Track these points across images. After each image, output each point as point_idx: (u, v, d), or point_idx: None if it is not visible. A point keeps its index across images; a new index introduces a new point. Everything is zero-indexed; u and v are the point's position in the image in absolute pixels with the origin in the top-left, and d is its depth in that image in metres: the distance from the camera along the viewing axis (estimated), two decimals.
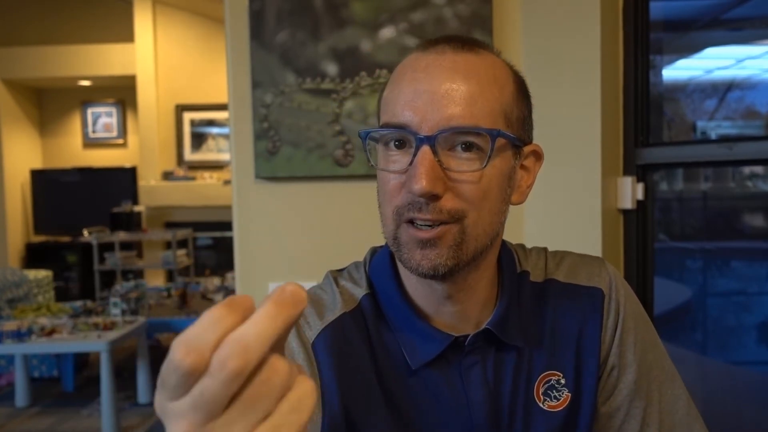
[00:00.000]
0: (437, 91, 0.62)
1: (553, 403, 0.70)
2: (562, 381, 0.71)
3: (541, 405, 0.70)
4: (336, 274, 0.77)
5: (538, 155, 0.71)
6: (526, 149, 0.69)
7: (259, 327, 0.31)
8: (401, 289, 0.71)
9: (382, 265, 0.74)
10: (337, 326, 0.70)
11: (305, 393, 0.33)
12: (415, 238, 0.63)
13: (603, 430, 0.74)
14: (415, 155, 0.62)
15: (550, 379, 0.71)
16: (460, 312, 0.70)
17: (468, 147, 0.63)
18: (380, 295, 0.72)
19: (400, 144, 0.65)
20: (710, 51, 1.86)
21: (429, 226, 0.62)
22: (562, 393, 0.71)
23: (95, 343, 3.69)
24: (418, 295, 0.70)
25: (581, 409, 0.71)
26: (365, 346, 0.70)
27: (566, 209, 1.47)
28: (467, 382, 0.69)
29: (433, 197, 0.61)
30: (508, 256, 0.75)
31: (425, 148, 0.61)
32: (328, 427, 0.66)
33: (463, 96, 0.62)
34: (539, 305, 0.74)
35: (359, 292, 0.73)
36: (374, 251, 0.78)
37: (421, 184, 0.60)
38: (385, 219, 0.67)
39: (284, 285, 0.33)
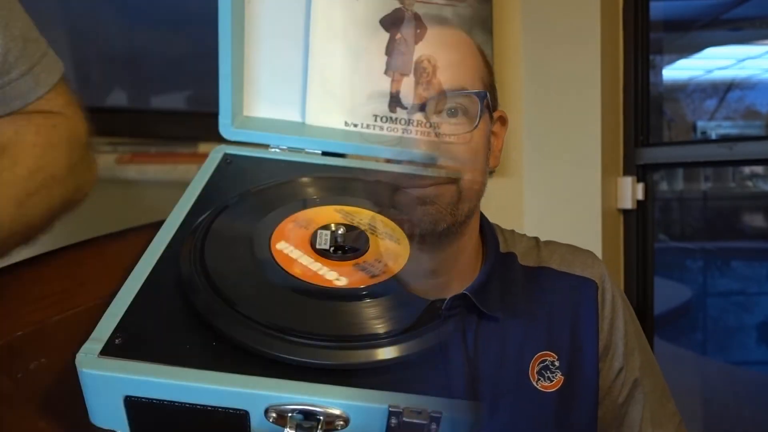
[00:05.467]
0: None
1: (546, 384, 0.71)
2: (556, 363, 0.72)
3: (534, 384, 0.71)
4: None
5: (503, 120, 0.75)
6: (495, 114, 0.73)
7: None
8: None
9: None
10: None
11: None
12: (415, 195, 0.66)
13: (608, 413, 0.75)
14: (408, 124, 0.66)
15: (545, 360, 0.72)
16: (443, 284, 0.72)
17: (454, 112, 0.67)
18: None
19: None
20: (710, 51, 1.86)
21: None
22: (556, 375, 0.72)
23: None
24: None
25: (578, 396, 0.72)
26: None
27: (566, 209, 1.47)
28: (444, 349, 0.69)
29: (430, 160, 0.65)
30: (490, 230, 0.78)
31: (417, 115, 0.66)
32: None
33: (446, 64, 0.67)
34: (533, 288, 0.75)
35: None
36: None
37: (419, 148, 0.64)
38: None
39: None
